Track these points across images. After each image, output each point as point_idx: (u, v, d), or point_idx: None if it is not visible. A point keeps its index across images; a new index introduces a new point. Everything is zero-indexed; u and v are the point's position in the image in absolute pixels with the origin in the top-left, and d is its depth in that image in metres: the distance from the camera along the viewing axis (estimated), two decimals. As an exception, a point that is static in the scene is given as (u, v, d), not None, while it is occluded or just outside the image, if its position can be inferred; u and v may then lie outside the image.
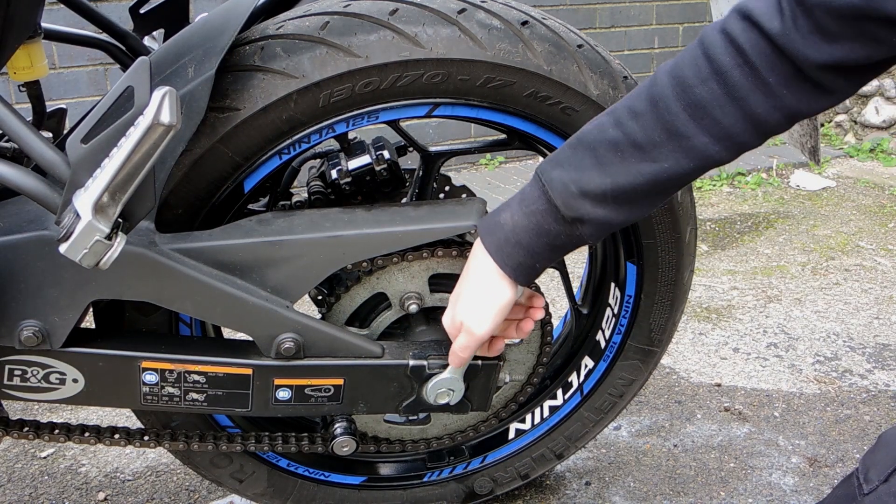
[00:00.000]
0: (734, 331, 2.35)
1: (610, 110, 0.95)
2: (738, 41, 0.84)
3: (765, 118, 0.86)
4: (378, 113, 1.16)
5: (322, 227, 1.13)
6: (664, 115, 0.88)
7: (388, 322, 1.26)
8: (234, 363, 1.15)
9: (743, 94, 0.84)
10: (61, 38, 1.51)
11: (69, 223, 0.90)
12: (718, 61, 0.85)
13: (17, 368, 1.11)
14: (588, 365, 1.49)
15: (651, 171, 0.90)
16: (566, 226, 0.97)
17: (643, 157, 0.90)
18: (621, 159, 0.91)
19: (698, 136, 0.87)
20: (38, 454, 1.81)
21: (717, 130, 0.87)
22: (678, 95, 0.87)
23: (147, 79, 0.89)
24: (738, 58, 0.84)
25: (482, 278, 1.04)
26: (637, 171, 0.91)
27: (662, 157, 0.89)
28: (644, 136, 0.90)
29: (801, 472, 1.73)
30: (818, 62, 0.81)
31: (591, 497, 1.66)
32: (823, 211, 3.34)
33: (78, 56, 2.91)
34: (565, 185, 0.95)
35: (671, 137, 0.88)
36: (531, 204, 0.99)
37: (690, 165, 0.89)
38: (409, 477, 1.51)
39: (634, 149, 0.90)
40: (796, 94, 0.84)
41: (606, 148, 0.92)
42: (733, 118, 0.86)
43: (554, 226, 0.97)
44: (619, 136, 0.91)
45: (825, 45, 0.80)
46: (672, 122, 0.88)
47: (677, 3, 4.05)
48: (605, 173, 0.92)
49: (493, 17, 1.15)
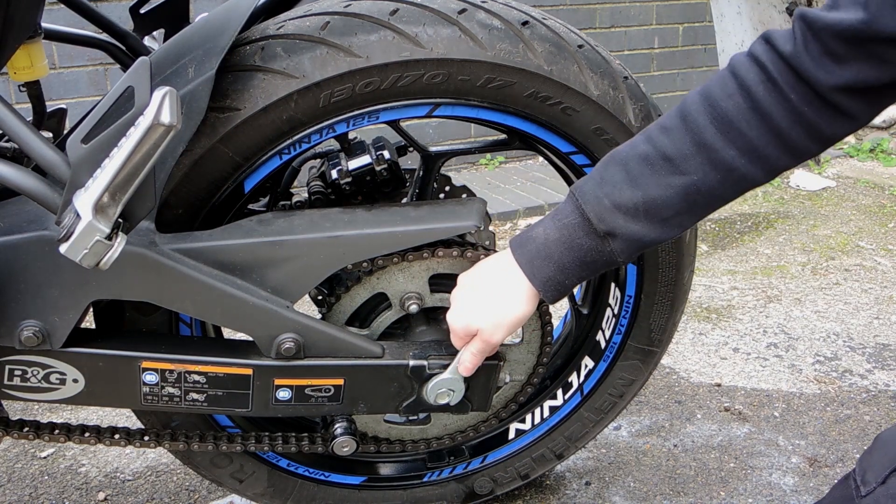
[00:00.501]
0: (734, 331, 2.35)
1: (642, 131, 0.98)
2: (760, 60, 0.88)
3: (788, 132, 0.88)
4: (378, 113, 1.16)
5: (322, 227, 1.13)
6: (692, 129, 0.91)
7: (388, 322, 1.26)
8: (234, 363, 1.15)
9: (766, 107, 0.88)
10: (61, 38, 1.51)
11: (69, 223, 0.90)
12: (743, 77, 0.89)
13: (18, 368, 1.11)
14: (588, 365, 1.49)
15: (681, 183, 0.92)
16: (598, 240, 0.98)
17: (673, 170, 0.92)
18: (652, 171, 0.93)
19: (725, 149, 0.90)
20: (38, 454, 1.81)
21: (742, 143, 0.89)
22: (706, 110, 0.91)
23: (147, 79, 0.89)
24: (762, 74, 0.88)
25: (508, 290, 1.05)
26: (667, 184, 0.93)
27: (691, 169, 0.92)
28: (673, 148, 0.92)
29: (801, 472, 1.73)
30: (831, 85, 0.84)
31: (591, 497, 1.66)
32: (823, 211, 3.34)
33: (78, 56, 2.91)
34: (598, 198, 0.97)
35: (699, 149, 0.91)
36: (564, 217, 1.00)
37: (718, 178, 0.91)
38: (409, 477, 1.51)
39: (664, 161, 0.93)
40: (816, 112, 0.87)
41: (637, 161, 0.95)
42: (758, 131, 0.89)
43: (586, 240, 0.98)
44: (649, 149, 0.94)
45: (835, 67, 0.83)
46: (700, 135, 0.91)
47: (677, 3, 4.05)
48: (637, 186, 0.94)
49: (493, 18, 1.15)
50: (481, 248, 1.23)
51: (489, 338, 1.09)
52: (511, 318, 1.06)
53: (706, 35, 4.13)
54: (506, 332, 1.08)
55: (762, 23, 1.90)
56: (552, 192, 3.38)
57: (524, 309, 1.06)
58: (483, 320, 1.08)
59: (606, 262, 1.00)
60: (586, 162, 1.27)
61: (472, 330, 1.09)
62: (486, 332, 1.08)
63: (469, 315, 1.09)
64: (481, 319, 1.08)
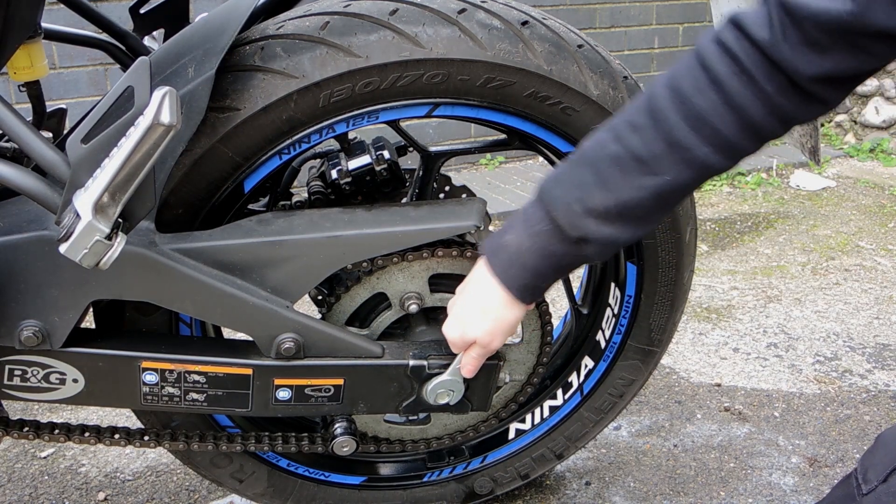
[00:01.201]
0: (734, 331, 2.35)
1: (608, 126, 0.94)
2: (732, 50, 0.83)
3: (762, 124, 0.85)
4: (378, 113, 1.16)
5: (322, 227, 1.13)
6: (664, 128, 0.87)
7: (388, 322, 1.26)
8: (234, 363, 1.15)
9: (741, 102, 0.84)
10: (61, 38, 1.51)
11: (69, 223, 0.90)
12: (715, 70, 0.84)
13: (18, 368, 1.11)
14: (588, 365, 1.49)
15: (654, 184, 0.89)
16: (571, 246, 0.96)
17: (645, 171, 0.89)
18: (623, 174, 0.90)
19: (700, 147, 0.86)
20: (38, 454, 1.81)
21: (718, 140, 0.86)
22: (677, 107, 0.86)
23: (147, 79, 0.89)
24: (734, 66, 0.83)
25: (490, 299, 1.05)
26: (640, 185, 0.90)
27: (664, 169, 0.88)
28: (645, 149, 0.89)
29: (801, 472, 1.73)
30: (809, 74, 0.80)
31: (591, 497, 1.66)
32: (823, 211, 3.34)
33: (78, 56, 2.91)
34: (568, 204, 0.94)
35: (672, 149, 0.87)
36: (535, 225, 0.98)
37: (693, 176, 0.89)
38: (409, 477, 1.51)
39: (636, 162, 0.89)
40: (792, 102, 0.83)
41: (608, 163, 0.91)
42: (734, 127, 0.85)
43: (559, 247, 0.97)
44: (619, 150, 0.90)
45: (816, 57, 0.79)
46: (672, 134, 0.87)
47: (677, 3, 4.05)
48: (608, 189, 0.91)
49: (493, 17, 1.15)
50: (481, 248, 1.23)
51: (487, 344, 1.10)
52: (503, 324, 1.07)
53: (706, 35, 4.12)
54: (502, 338, 1.09)
55: (762, 23, 1.91)
56: (552, 192, 3.38)
57: (513, 314, 1.05)
58: (477, 329, 1.08)
59: (582, 263, 1.01)
60: (586, 162, 1.27)
61: (468, 340, 1.10)
62: (483, 339, 1.09)
63: (463, 326, 1.09)
64: (475, 329, 1.08)
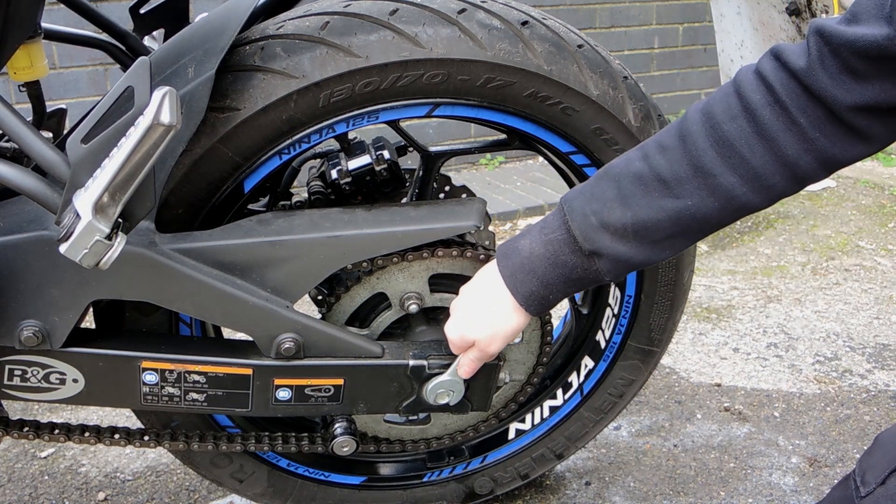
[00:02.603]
0: (734, 331, 2.35)
1: (640, 145, 0.92)
2: (768, 79, 0.82)
3: (795, 161, 0.82)
4: (378, 113, 1.16)
5: (322, 227, 1.13)
6: (691, 151, 0.85)
7: (388, 322, 1.26)
8: (234, 363, 1.15)
9: (772, 133, 0.82)
10: (61, 38, 1.51)
11: (69, 223, 0.90)
12: (749, 99, 0.83)
13: (17, 368, 1.11)
14: (588, 365, 1.49)
15: (674, 207, 0.87)
16: (583, 259, 0.94)
17: (667, 193, 0.87)
18: (644, 192, 0.88)
19: (725, 175, 0.84)
20: (38, 454, 1.81)
21: (744, 170, 0.84)
22: (707, 132, 0.85)
23: (147, 79, 0.89)
24: (769, 96, 0.82)
25: (495, 302, 1.03)
26: (659, 207, 0.87)
27: (686, 193, 0.86)
28: (669, 170, 0.87)
29: (801, 472, 1.73)
30: (849, 104, 0.78)
31: (591, 497, 1.66)
32: (823, 211, 3.34)
33: (78, 56, 2.91)
34: (585, 215, 0.92)
35: (697, 174, 0.85)
36: (550, 232, 0.96)
37: (716, 206, 0.86)
38: (409, 477, 1.51)
39: (658, 183, 0.87)
40: (829, 137, 0.81)
41: (630, 180, 0.90)
42: (762, 158, 0.83)
43: (571, 258, 0.95)
44: (644, 168, 0.89)
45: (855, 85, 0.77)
46: (699, 158, 0.85)
47: (677, 3, 4.05)
48: (627, 205, 0.89)
49: (493, 18, 1.15)
50: (481, 248, 1.23)
51: (486, 348, 1.09)
52: (505, 330, 1.05)
53: (706, 35, 4.13)
54: (501, 343, 1.08)
55: (762, 23, 1.90)
56: (552, 192, 3.38)
57: (515, 321, 1.04)
58: (478, 331, 1.07)
59: (593, 280, 0.96)
60: (586, 162, 1.27)
61: (468, 341, 1.09)
62: (483, 342, 1.08)
63: (464, 327, 1.08)
64: (476, 331, 1.07)
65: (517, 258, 0.99)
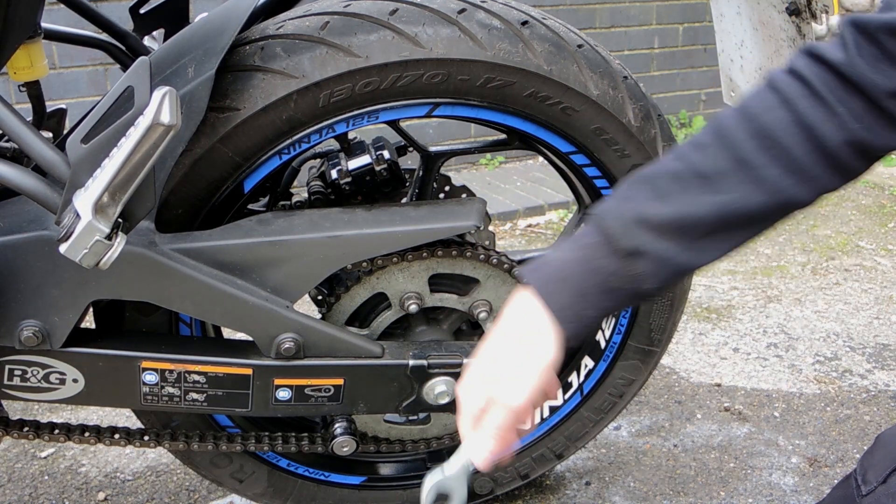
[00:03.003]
0: (734, 331, 2.35)
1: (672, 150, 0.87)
2: (803, 74, 0.80)
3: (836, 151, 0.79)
4: (378, 113, 1.16)
5: (322, 227, 1.13)
6: (730, 144, 0.81)
7: (388, 322, 1.26)
8: (234, 363, 1.15)
9: (811, 122, 0.79)
10: (61, 38, 1.51)
11: (69, 223, 0.90)
12: (785, 91, 0.80)
13: (17, 368, 1.11)
14: (588, 365, 1.49)
15: (717, 201, 0.81)
16: (621, 262, 0.83)
17: (707, 188, 0.81)
18: (683, 189, 0.82)
19: (768, 167, 0.80)
20: (38, 454, 1.81)
21: (786, 161, 0.80)
22: (744, 125, 0.81)
23: (147, 79, 0.89)
24: (805, 89, 0.79)
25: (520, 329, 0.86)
26: (701, 202, 0.81)
27: (729, 187, 0.81)
28: (709, 164, 0.82)
29: (801, 472, 1.73)
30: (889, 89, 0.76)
31: (591, 497, 1.66)
32: (823, 211, 3.34)
33: (78, 56, 2.91)
34: (620, 213, 0.84)
35: (738, 166, 0.81)
36: (583, 238, 0.86)
37: (762, 200, 0.81)
38: (409, 477, 1.51)
39: (698, 178, 0.82)
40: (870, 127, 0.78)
41: (666, 179, 0.83)
42: (803, 148, 0.79)
43: (606, 261, 0.83)
44: (680, 166, 0.83)
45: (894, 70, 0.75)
46: (738, 150, 0.81)
47: (677, 3, 4.05)
48: (666, 202, 0.82)
49: (493, 17, 1.15)
50: (481, 248, 1.23)
51: (509, 398, 0.85)
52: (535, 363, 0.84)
53: (706, 35, 4.12)
54: (531, 388, 0.84)
55: (762, 23, 1.90)
56: (552, 192, 3.38)
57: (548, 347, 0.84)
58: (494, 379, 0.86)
59: (632, 290, 0.84)
60: (586, 162, 1.27)
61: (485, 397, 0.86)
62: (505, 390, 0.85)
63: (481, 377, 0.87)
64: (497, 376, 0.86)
65: (547, 268, 0.87)
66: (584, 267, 0.84)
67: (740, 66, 1.57)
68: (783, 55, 1.37)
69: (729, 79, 1.63)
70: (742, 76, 1.60)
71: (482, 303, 1.27)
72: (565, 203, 3.27)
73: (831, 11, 1.47)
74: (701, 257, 0.83)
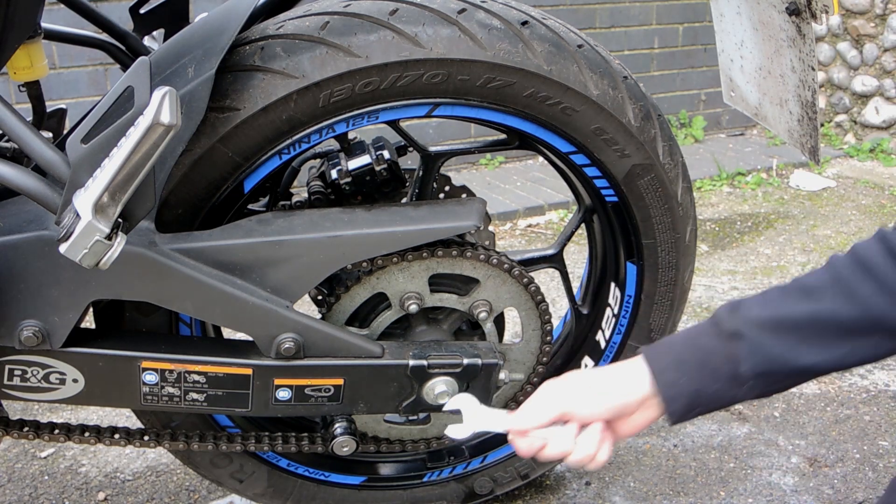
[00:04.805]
0: (734, 331, 2.35)
1: None
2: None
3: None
4: (378, 113, 1.16)
5: (322, 227, 1.13)
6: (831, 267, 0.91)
7: (388, 322, 1.26)
8: (234, 363, 1.15)
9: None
10: (61, 38, 1.51)
11: (69, 223, 0.90)
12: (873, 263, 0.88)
13: (17, 368, 1.11)
14: (588, 365, 1.49)
15: (810, 308, 0.89)
16: (723, 342, 0.91)
17: (805, 297, 0.90)
18: (783, 297, 0.91)
19: (861, 284, 0.88)
20: (38, 454, 1.81)
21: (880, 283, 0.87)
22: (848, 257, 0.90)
23: (147, 79, 0.89)
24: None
25: (618, 368, 0.98)
26: (797, 308, 0.90)
27: (824, 298, 0.89)
28: (810, 281, 0.91)
29: (801, 472, 1.73)
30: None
31: (591, 497, 1.66)
32: (823, 211, 3.34)
33: (78, 56, 2.91)
34: (732, 307, 0.94)
35: (835, 283, 0.89)
36: (698, 325, 0.96)
37: (852, 312, 0.88)
38: (409, 477, 1.51)
39: (798, 290, 0.91)
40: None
41: (774, 291, 0.93)
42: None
43: (709, 339, 0.93)
44: (786, 285, 0.93)
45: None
46: (838, 272, 0.89)
47: (677, 3, 4.05)
48: (769, 305, 0.91)
49: (493, 17, 1.15)
50: (481, 248, 1.23)
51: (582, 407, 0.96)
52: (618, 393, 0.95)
53: (706, 35, 4.12)
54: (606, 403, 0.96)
55: (762, 23, 1.90)
56: (552, 192, 3.38)
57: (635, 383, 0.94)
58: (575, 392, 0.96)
59: (730, 372, 0.91)
60: (586, 162, 1.27)
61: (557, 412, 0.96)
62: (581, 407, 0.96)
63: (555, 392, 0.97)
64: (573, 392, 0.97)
65: (658, 344, 0.98)
66: (689, 343, 0.94)
67: (740, 66, 1.57)
68: (783, 55, 1.37)
69: (729, 79, 1.63)
70: (742, 76, 1.60)
71: (482, 303, 1.27)
72: (565, 203, 3.28)
73: (831, 11, 1.47)
74: (799, 357, 0.90)
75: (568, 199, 3.25)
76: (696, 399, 0.93)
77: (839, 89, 4.24)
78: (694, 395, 0.93)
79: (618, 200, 1.32)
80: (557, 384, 0.98)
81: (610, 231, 1.40)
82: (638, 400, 0.95)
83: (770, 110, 1.45)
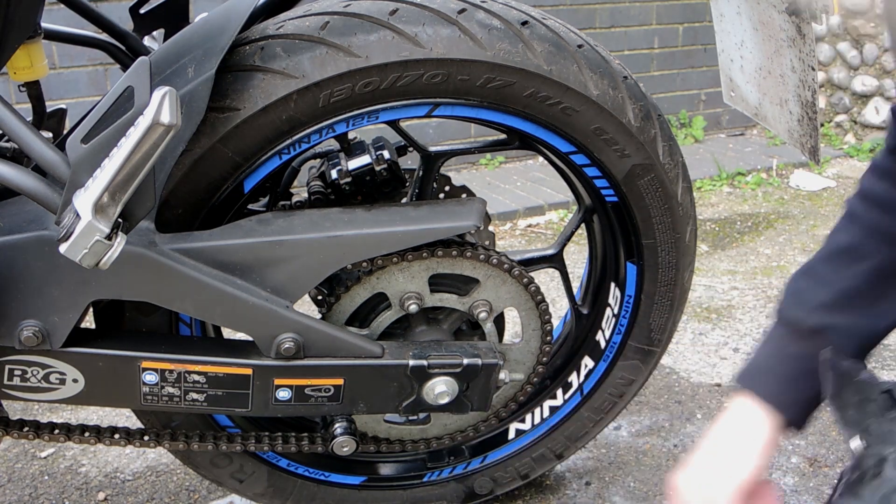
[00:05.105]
0: (734, 331, 2.35)
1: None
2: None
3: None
4: (378, 113, 1.16)
5: (322, 227, 1.13)
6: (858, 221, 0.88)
7: (388, 322, 1.26)
8: (234, 363, 1.15)
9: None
10: (61, 38, 1.51)
11: (69, 223, 0.90)
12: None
13: (17, 368, 1.11)
14: (588, 365, 1.49)
15: (865, 268, 0.86)
16: (809, 343, 0.87)
17: (852, 260, 0.87)
18: (834, 268, 0.88)
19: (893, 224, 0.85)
20: (38, 454, 1.81)
21: None
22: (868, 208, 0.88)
23: (147, 79, 0.89)
24: None
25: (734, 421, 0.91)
26: (853, 274, 0.87)
27: (869, 253, 0.86)
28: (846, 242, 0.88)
29: (801, 472, 1.73)
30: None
31: (591, 497, 1.66)
32: (823, 211, 3.34)
33: (78, 56, 2.91)
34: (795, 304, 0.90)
35: (870, 233, 0.86)
36: (766, 340, 0.93)
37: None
38: (409, 477, 1.51)
39: (841, 255, 0.88)
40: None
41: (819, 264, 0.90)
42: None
43: (797, 346, 0.89)
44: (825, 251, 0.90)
45: None
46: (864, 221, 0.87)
47: (677, 3, 4.04)
48: (825, 284, 0.88)
49: (493, 17, 1.15)
50: (481, 248, 1.23)
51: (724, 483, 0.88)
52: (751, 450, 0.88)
53: (706, 35, 4.12)
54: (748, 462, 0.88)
55: (762, 23, 1.90)
56: (552, 192, 3.38)
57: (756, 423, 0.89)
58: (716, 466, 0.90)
59: None
60: (586, 162, 1.27)
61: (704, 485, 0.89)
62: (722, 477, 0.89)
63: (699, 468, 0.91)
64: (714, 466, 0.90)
65: (748, 370, 0.93)
66: (780, 359, 0.90)
67: (740, 66, 1.57)
68: (783, 55, 1.37)
69: (729, 79, 1.63)
70: (742, 76, 1.60)
71: (482, 303, 1.27)
72: (565, 203, 3.27)
73: (831, 11, 1.47)
74: (879, 320, 0.87)
75: (568, 199, 3.25)
76: (813, 403, 0.90)
77: (839, 89, 4.24)
78: (809, 403, 0.90)
79: (618, 200, 1.32)
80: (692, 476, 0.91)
81: (610, 231, 1.40)
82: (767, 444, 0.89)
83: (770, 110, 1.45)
